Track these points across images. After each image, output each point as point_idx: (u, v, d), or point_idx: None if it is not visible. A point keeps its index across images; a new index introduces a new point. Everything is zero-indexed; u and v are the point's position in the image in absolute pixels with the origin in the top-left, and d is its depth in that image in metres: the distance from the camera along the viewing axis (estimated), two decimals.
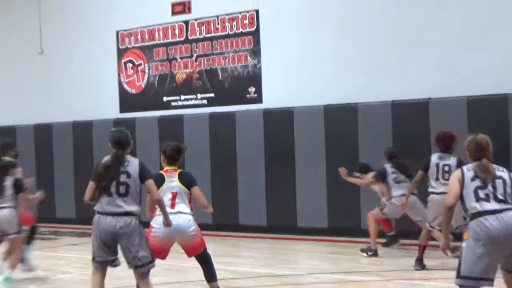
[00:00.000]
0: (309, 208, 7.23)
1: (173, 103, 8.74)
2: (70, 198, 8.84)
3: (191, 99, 8.61)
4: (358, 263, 5.66)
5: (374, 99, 6.92)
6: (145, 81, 8.97)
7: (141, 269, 3.27)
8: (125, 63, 9.20)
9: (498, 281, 2.63)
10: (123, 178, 3.18)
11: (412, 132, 6.57)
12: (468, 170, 2.54)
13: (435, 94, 6.54)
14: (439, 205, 4.08)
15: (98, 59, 9.42)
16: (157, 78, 8.85)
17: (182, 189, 3.74)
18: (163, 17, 8.70)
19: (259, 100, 7.96)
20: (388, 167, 5.65)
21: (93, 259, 3.37)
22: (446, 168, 4.72)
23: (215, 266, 3.90)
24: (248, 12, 7.93)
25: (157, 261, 3.60)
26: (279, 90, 7.78)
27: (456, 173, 2.65)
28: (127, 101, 9.22)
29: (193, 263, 4.12)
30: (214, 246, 5.69)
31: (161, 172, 3.81)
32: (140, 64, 8.99)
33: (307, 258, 6.62)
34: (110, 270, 3.76)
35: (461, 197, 2.52)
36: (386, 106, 6.84)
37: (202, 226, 4.06)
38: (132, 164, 3.25)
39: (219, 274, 3.92)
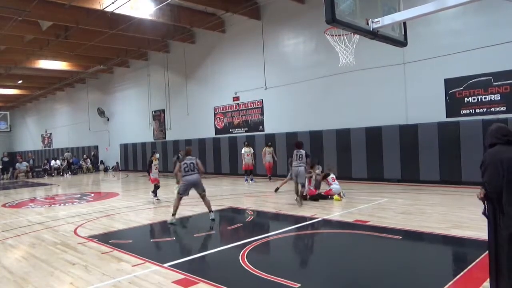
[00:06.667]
0: None
1: (234, 132, 20.87)
2: None
3: (240, 132, 20.57)
4: None
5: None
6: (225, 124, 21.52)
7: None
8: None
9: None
10: None
11: None
12: None
13: None
14: None
15: None
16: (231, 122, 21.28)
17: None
18: (230, 100, 20.97)
19: (263, 130, 19.57)
20: None
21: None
22: None
23: None
24: (260, 100, 19.75)
25: None
26: (271, 127, 19.18)
27: None
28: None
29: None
30: None
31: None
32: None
33: None
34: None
35: None
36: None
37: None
38: None
39: None
